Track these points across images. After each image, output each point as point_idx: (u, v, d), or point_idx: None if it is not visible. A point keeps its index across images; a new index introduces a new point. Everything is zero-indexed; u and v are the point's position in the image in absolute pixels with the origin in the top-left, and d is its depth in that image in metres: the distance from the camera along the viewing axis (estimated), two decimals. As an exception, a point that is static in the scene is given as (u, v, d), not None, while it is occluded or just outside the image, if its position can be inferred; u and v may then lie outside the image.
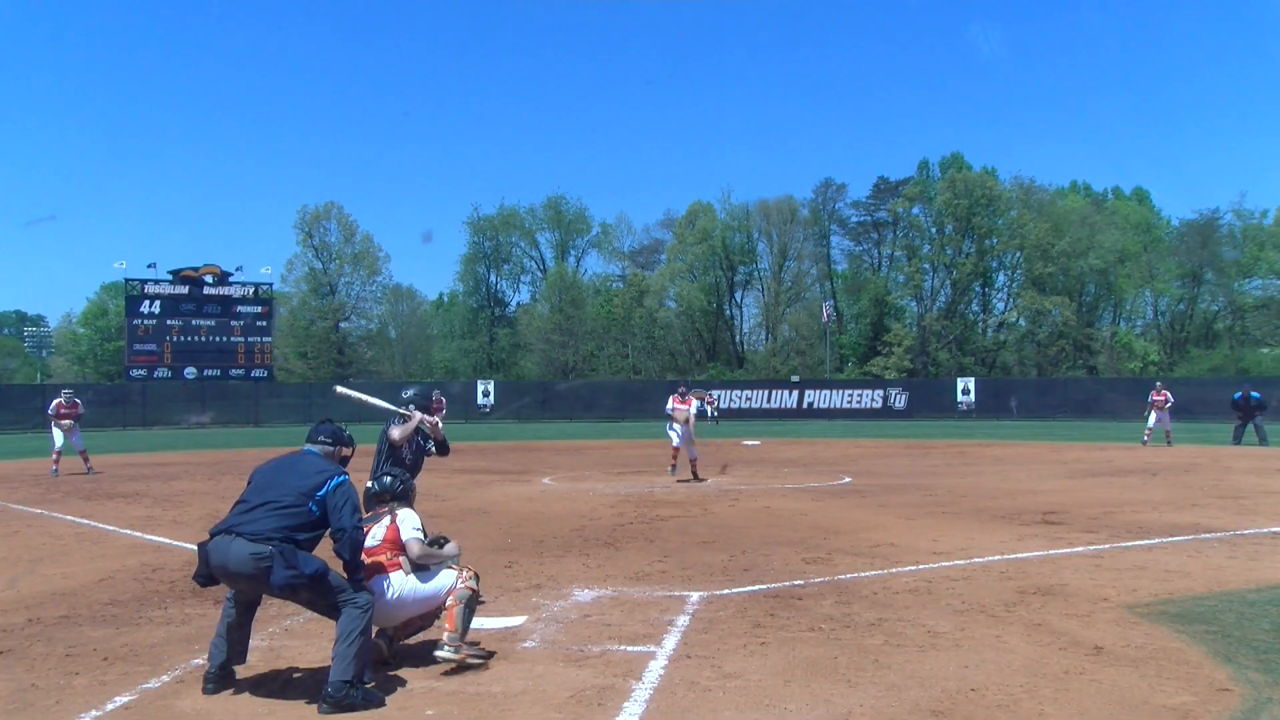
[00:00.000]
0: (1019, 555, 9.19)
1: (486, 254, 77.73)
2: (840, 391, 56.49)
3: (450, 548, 6.00)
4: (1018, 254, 69.19)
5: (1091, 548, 9.63)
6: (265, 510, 5.16)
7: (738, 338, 76.70)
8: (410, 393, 8.13)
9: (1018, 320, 69.18)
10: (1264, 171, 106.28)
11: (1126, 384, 53.97)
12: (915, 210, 71.54)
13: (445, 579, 5.84)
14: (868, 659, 5.69)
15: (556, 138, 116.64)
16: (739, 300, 76.92)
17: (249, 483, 5.46)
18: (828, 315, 65.32)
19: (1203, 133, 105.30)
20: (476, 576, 5.94)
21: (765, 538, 10.51)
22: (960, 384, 55.16)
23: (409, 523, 5.94)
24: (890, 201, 72.57)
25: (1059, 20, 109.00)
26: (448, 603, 5.76)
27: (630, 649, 5.97)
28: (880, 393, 55.82)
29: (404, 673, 5.54)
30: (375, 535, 5.87)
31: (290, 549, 5.05)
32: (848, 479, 17.73)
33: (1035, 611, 6.87)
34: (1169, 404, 27.45)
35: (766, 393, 55.52)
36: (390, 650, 5.83)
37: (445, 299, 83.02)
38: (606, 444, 30.31)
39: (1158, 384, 29.37)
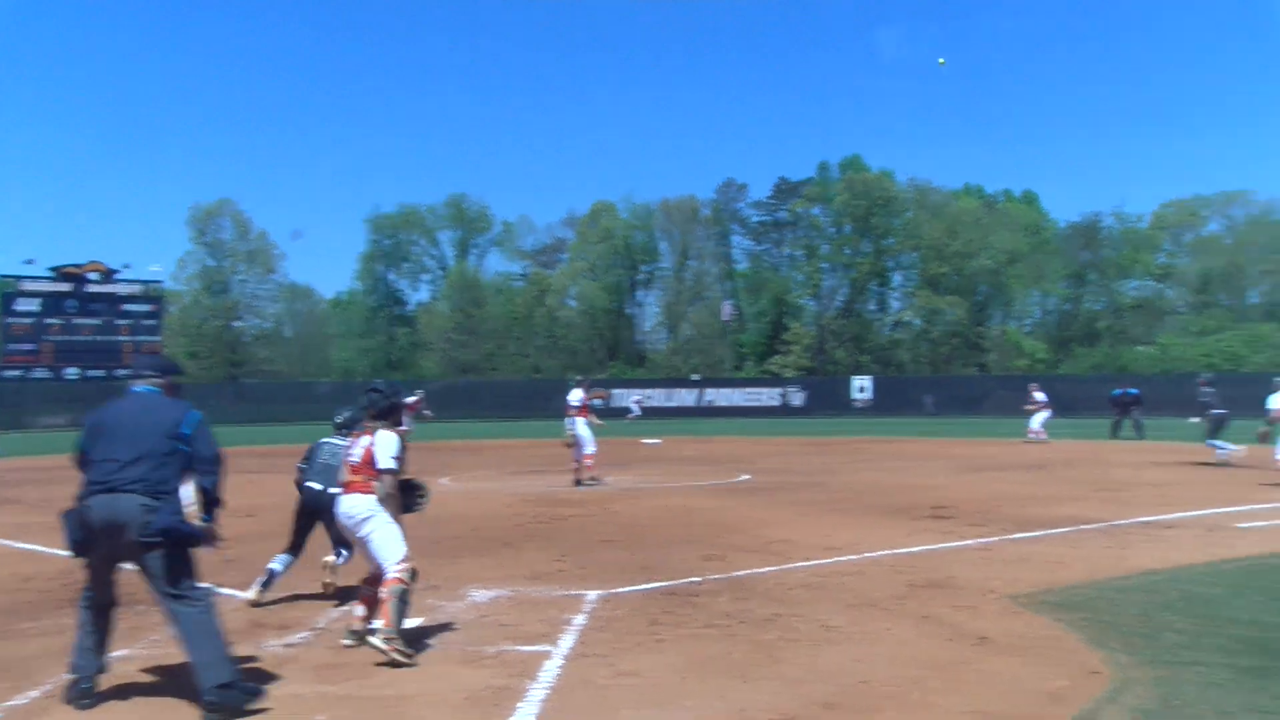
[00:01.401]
0: (910, 549, 9.43)
1: (386, 252, 76.64)
2: (740, 389, 57.21)
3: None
4: (914, 254, 70.99)
5: (979, 541, 9.92)
6: (147, 463, 4.94)
7: (639, 336, 77.10)
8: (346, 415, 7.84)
9: (913, 319, 70.84)
10: (1141, 177, 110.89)
11: (1016, 381, 55.71)
12: (815, 211, 72.80)
13: (395, 549, 5.87)
14: (763, 654, 5.78)
15: (458, 135, 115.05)
16: (640, 299, 77.44)
17: (97, 436, 5.09)
18: (728, 314, 66.05)
19: (1087, 137, 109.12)
20: (414, 572, 5.95)
21: (664, 536, 10.58)
22: (856, 382, 56.32)
23: (387, 448, 5.95)
24: (790, 202, 73.84)
25: (954, 26, 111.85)
26: (380, 594, 5.78)
27: (527, 649, 5.96)
28: (779, 390, 56.66)
29: (293, 677, 5.44)
30: (355, 453, 5.98)
31: (176, 499, 4.97)
32: (746, 476, 17.95)
33: (925, 604, 7.06)
34: (1043, 404, 28.14)
35: (667, 391, 55.89)
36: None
37: (343, 298, 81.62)
38: (506, 443, 30.15)
39: (1032, 385, 30.18)
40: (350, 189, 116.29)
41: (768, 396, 56.29)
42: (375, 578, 5.99)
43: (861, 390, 55.38)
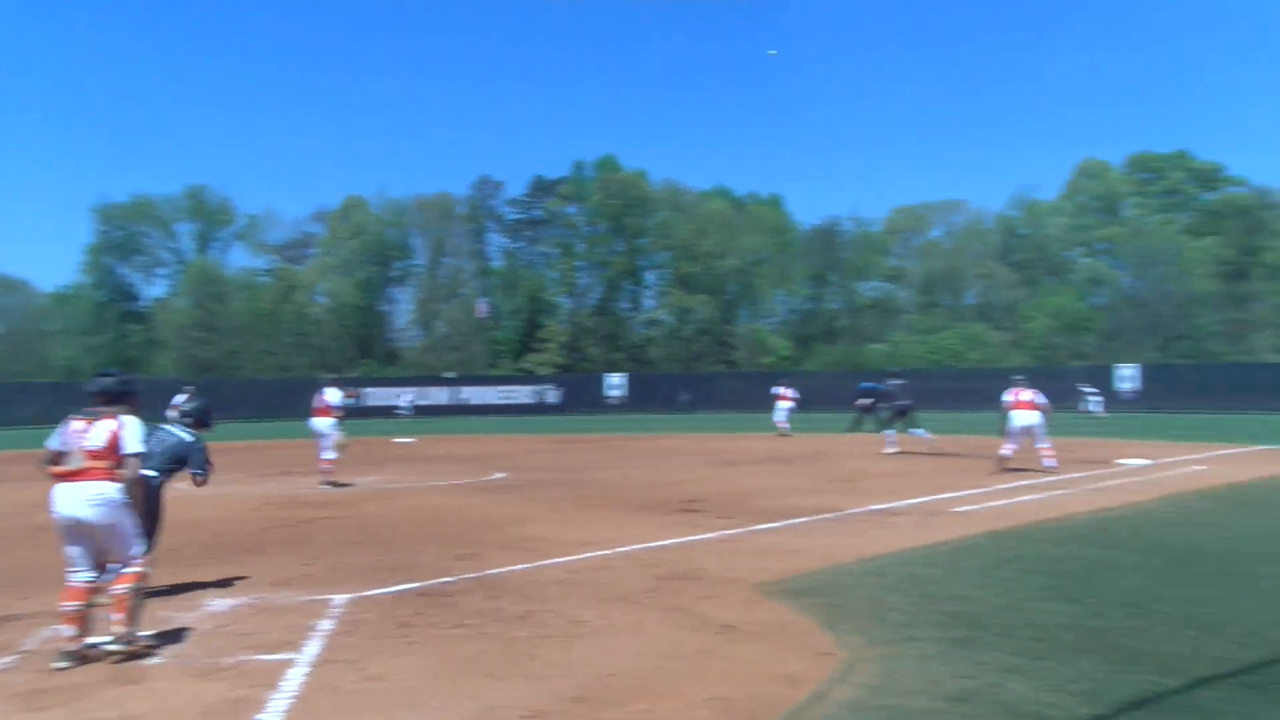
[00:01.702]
0: (660, 543, 9.70)
1: (116, 244, 71.36)
2: (495, 387, 57.04)
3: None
4: (666, 253, 72.97)
5: (726, 533, 10.33)
6: None
7: (391, 334, 75.44)
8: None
9: (665, 317, 72.72)
10: (875, 184, 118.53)
11: (763, 377, 58.32)
12: (570, 209, 73.62)
13: (137, 542, 5.82)
14: (515, 651, 5.81)
15: (197, 124, 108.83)
16: (393, 296, 75.80)
17: None
18: (483, 311, 65.69)
19: (829, 145, 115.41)
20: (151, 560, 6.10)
21: (416, 536, 10.43)
22: (611, 379, 57.28)
23: (135, 435, 5.89)
24: (546, 200, 74.37)
25: (702, 31, 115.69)
26: (117, 589, 5.64)
27: (268, 658, 5.74)
28: (534, 388, 56.88)
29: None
30: (96, 437, 5.77)
31: None
32: (501, 474, 17.92)
33: (674, 596, 7.28)
34: (792, 397, 30.04)
35: (421, 389, 54.99)
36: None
37: (67, 292, 75.36)
38: (252, 445, 28.79)
39: (781, 381, 32.02)
40: (74, 175, 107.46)
41: (523, 394, 56.40)
42: (87, 590, 5.71)
43: (616, 387, 56.36)
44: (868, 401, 28.25)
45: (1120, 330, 68.07)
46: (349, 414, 17.94)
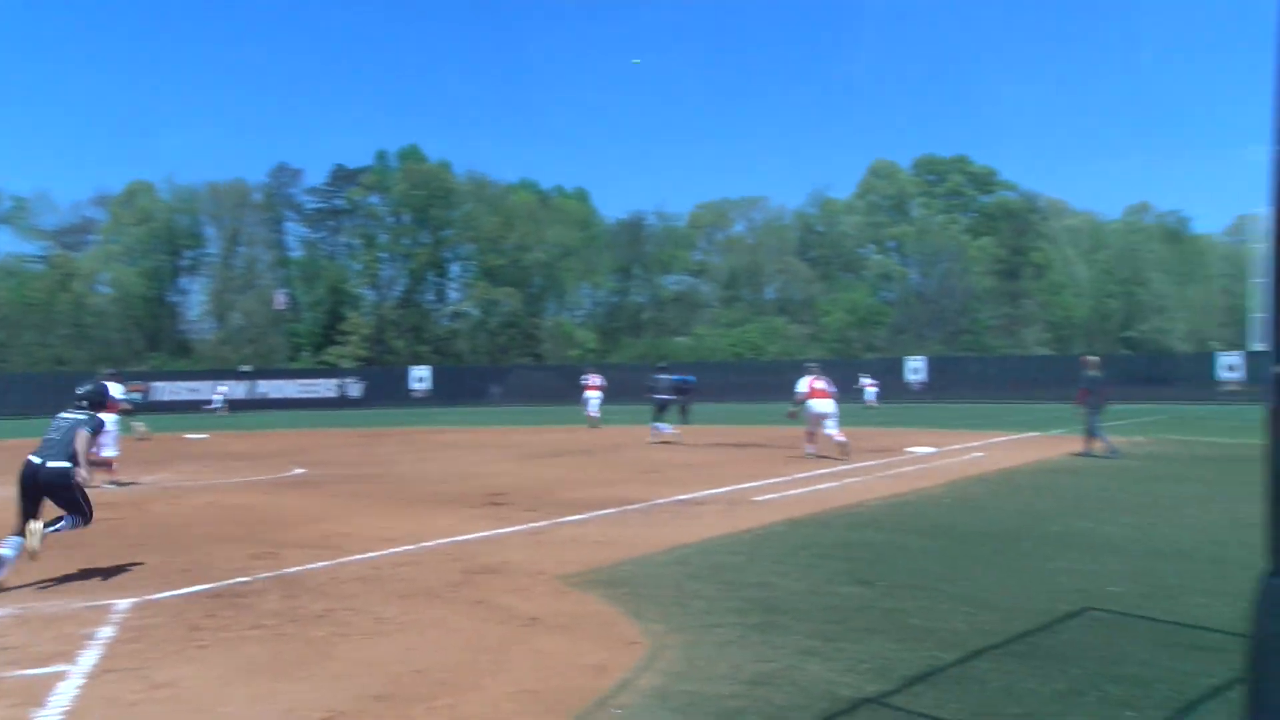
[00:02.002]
0: (466, 537, 9.60)
1: None
2: (295, 381, 55.18)
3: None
4: (471, 245, 72.21)
5: (533, 525, 10.32)
6: None
7: (183, 325, 71.71)
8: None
9: (471, 310, 72.01)
10: (679, 179, 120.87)
11: (569, 370, 58.59)
12: (373, 199, 71.81)
13: None
14: (314, 651, 5.63)
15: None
16: (184, 286, 72.02)
17: None
18: (281, 303, 63.28)
19: (633, 139, 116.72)
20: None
21: (208, 535, 9.97)
22: (415, 372, 56.32)
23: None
24: (348, 189, 72.13)
25: (505, 20, 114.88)
26: None
27: (36, 672, 5.32)
28: (336, 381, 55.34)
29: None
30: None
31: None
32: (300, 470, 17.35)
33: (479, 590, 7.22)
34: (598, 385, 30.48)
35: (215, 383, 52.57)
36: None
37: None
38: (22, 443, 26.80)
39: (589, 371, 32.51)
40: None
41: (324, 388, 54.80)
42: None
43: (421, 381, 55.46)
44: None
45: (909, 324, 71.80)
46: (138, 409, 17.00)
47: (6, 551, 7.41)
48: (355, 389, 54.86)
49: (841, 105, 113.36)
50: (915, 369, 51.99)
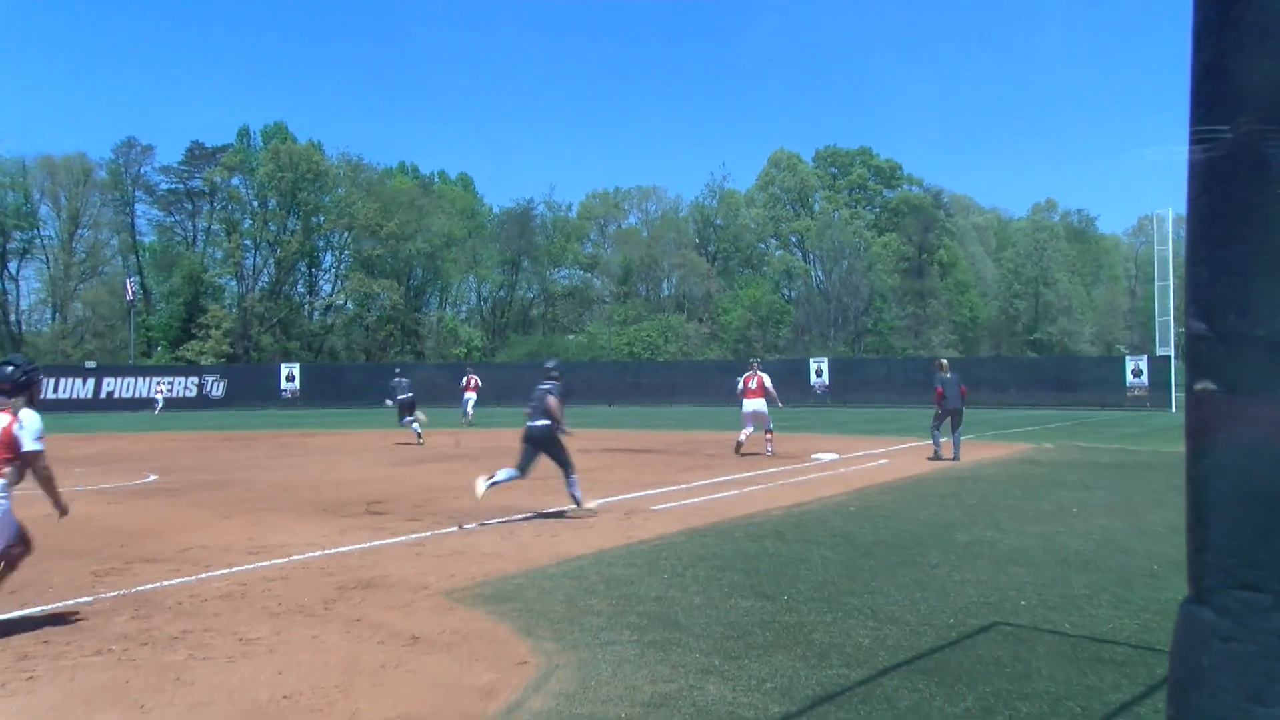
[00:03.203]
0: (342, 549, 9.45)
1: None
2: (148, 379, 53.46)
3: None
4: (346, 234, 70.99)
5: (414, 536, 10.20)
6: None
7: (14, 316, 68.76)
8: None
9: (345, 303, 70.84)
10: (571, 166, 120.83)
11: (452, 369, 58.11)
12: (235, 181, 70.08)
13: (11, 520, 6.33)
14: (168, 677, 5.45)
15: None
16: (15, 272, 69.01)
17: None
18: (132, 293, 61.27)
19: (520, 125, 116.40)
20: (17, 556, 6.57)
21: (45, 551, 9.53)
22: (285, 370, 55.18)
23: (34, 427, 6.40)
24: (206, 170, 70.06)
25: (387, 3, 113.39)
26: None
27: None
28: (195, 380, 53.91)
29: None
30: None
31: None
32: (154, 476, 16.85)
33: (355, 606, 7.10)
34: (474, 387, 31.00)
35: (53, 381, 50.62)
36: None
37: None
38: None
39: (468, 371, 32.72)
40: None
41: (182, 386, 53.24)
42: None
43: (291, 379, 54.34)
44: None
45: (812, 324, 73.04)
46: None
47: None
48: (217, 388, 53.52)
49: (740, 91, 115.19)
50: (819, 371, 52.88)
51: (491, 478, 11.42)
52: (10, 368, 6.58)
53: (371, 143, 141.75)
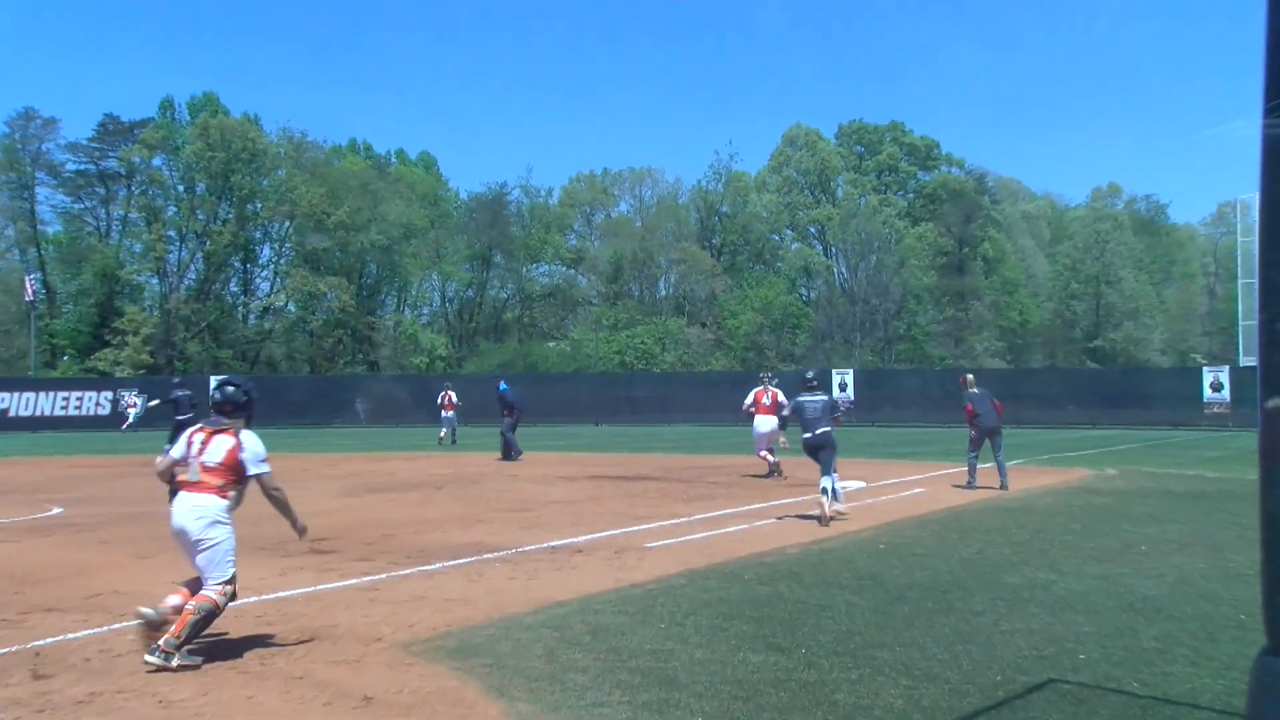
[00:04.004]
0: (282, 594, 9.45)
1: None
2: (53, 394, 53.35)
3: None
4: (287, 223, 70.99)
5: (366, 578, 10.19)
6: None
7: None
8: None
9: (287, 305, 70.80)
10: (552, 145, 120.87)
11: (413, 381, 58.14)
12: (157, 162, 70.00)
13: (227, 567, 7.32)
14: (77, 749, 5.44)
15: None
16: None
17: None
18: (32, 292, 61.09)
19: (491, 99, 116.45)
20: (234, 595, 7.39)
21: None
22: (215, 383, 55.10)
23: (257, 449, 7.58)
24: (123, 148, 69.82)
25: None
26: (187, 605, 6.96)
27: None
28: (110, 395, 53.79)
29: None
30: (213, 452, 7.39)
31: None
32: (58, 509, 16.82)
33: (298, 661, 7.08)
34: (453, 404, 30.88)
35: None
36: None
37: None
38: None
39: (446, 385, 32.76)
40: None
41: (93, 403, 53.15)
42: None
43: (222, 393, 54.32)
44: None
45: (834, 330, 73.02)
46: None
47: None
48: (136, 405, 53.40)
49: (750, 56, 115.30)
50: (842, 384, 52.92)
51: (831, 492, 14.27)
52: (231, 388, 7.73)
53: (318, 117, 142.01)
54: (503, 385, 27.23)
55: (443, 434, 32.88)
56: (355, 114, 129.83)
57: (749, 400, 20.75)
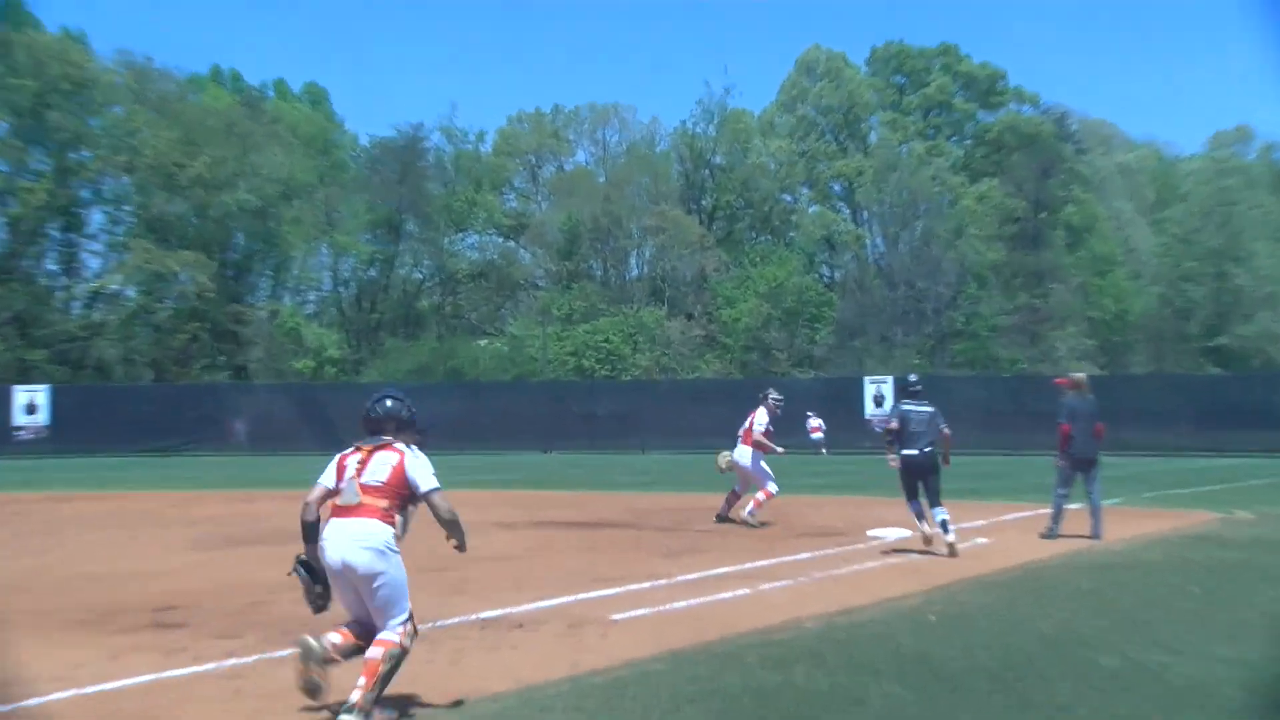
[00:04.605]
0: (112, 684, 9.34)
1: None
2: None
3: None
4: (125, 179, 70.59)
5: (229, 662, 10.13)
6: None
7: None
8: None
9: (124, 289, 70.38)
10: (481, 74, 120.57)
11: (299, 391, 57.89)
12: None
13: (404, 602, 8.18)
14: None
15: None
16: None
17: None
18: None
19: (398, 12, 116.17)
20: (416, 630, 8.24)
21: None
22: (23, 395, 54.85)
23: (426, 467, 8.34)
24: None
25: None
26: (372, 653, 7.84)
27: None
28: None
29: None
30: (376, 470, 8.23)
31: None
32: None
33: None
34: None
35: None
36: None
37: None
38: None
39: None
40: None
41: None
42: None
43: (32, 410, 54.05)
44: None
45: (866, 322, 72.77)
46: None
47: None
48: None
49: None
50: (878, 397, 52.95)
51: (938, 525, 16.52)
52: (392, 401, 8.74)
53: (167, 37, 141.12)
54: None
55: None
56: (219, 33, 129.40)
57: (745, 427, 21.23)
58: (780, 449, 21.18)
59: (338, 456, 8.55)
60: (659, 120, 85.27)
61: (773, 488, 20.87)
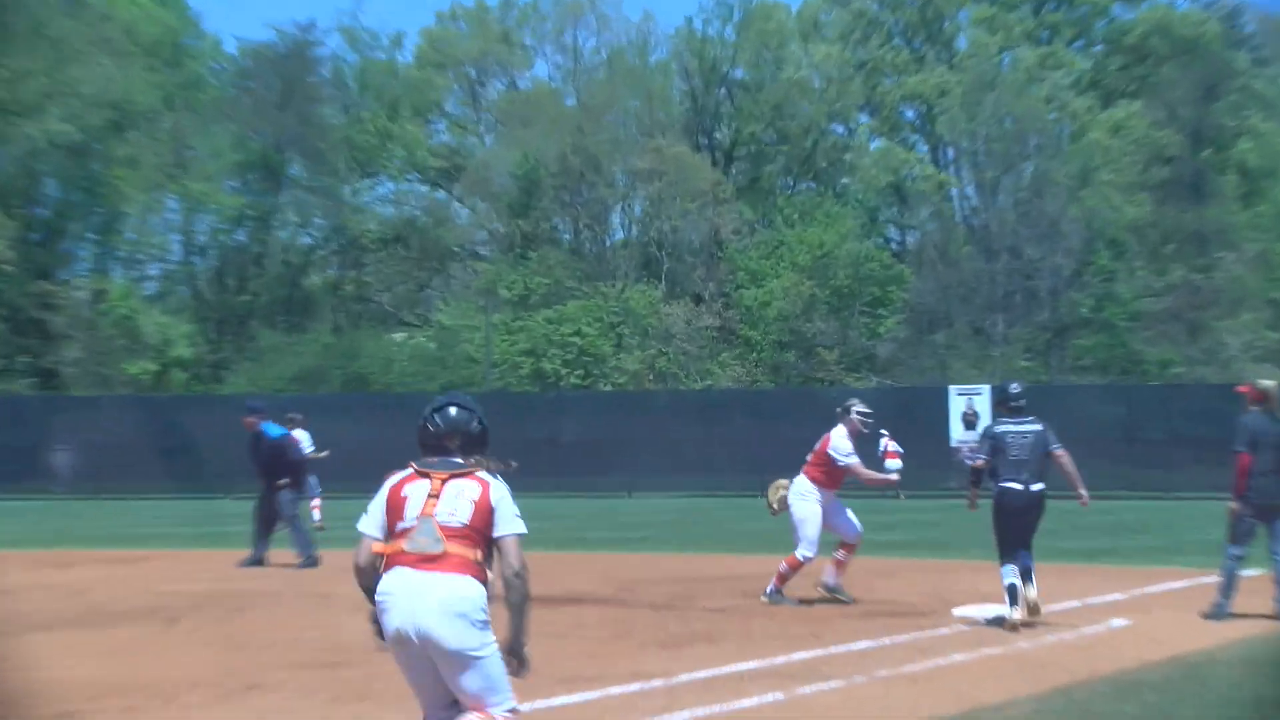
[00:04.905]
0: None
1: None
2: None
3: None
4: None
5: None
6: None
7: None
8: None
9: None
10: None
11: (136, 406, 57.88)
12: None
13: (504, 679, 8.37)
14: None
15: None
16: None
17: None
18: None
19: None
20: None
21: None
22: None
23: (511, 504, 8.39)
24: None
25: None
26: None
27: None
28: None
29: None
30: (452, 506, 8.10)
31: None
32: None
33: None
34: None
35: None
36: None
37: None
38: None
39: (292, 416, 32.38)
40: None
41: None
42: None
43: None
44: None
45: (953, 308, 72.53)
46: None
47: None
48: None
49: None
50: (970, 413, 52.97)
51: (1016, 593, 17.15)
52: (456, 409, 8.89)
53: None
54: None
55: (317, 517, 32.75)
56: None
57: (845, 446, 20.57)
58: (895, 475, 20.79)
59: (388, 485, 8.33)
60: (653, 19, 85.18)
61: (806, 553, 20.38)
